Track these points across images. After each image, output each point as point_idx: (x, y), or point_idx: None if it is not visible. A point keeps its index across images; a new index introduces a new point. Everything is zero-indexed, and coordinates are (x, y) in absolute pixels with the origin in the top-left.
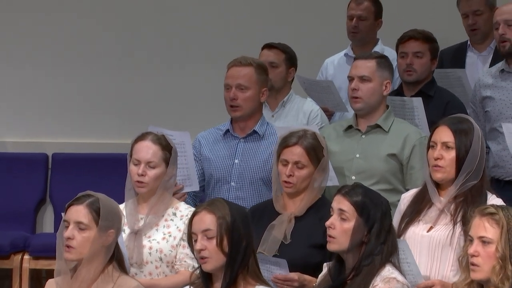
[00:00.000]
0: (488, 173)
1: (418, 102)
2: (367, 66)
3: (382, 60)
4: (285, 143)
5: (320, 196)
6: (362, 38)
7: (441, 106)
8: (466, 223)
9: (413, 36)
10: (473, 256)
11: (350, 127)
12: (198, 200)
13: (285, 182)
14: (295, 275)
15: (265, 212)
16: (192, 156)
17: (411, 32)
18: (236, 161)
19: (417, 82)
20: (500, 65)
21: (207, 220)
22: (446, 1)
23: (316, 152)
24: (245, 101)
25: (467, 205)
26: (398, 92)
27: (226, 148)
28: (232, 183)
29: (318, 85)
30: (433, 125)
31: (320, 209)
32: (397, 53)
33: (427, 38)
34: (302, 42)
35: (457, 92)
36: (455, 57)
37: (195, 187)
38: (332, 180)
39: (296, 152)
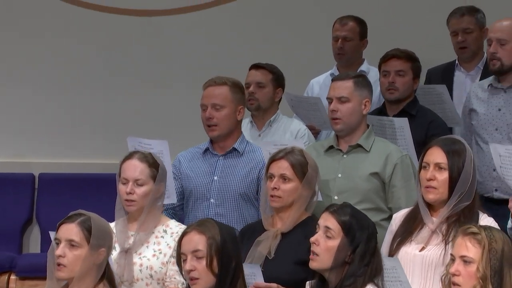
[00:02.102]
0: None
1: (404, 122)
2: (345, 87)
3: (360, 79)
4: (272, 158)
5: (310, 214)
6: (348, 59)
7: (424, 126)
8: None
9: (396, 55)
10: (454, 275)
11: (331, 147)
12: (177, 218)
13: (271, 196)
14: (274, 285)
15: (256, 231)
16: (170, 166)
17: (394, 51)
18: (216, 177)
19: (399, 101)
20: (490, 79)
21: (197, 240)
22: (432, 21)
23: (302, 167)
24: (221, 119)
25: (459, 225)
26: (381, 110)
27: (205, 165)
28: (212, 200)
29: (306, 102)
30: (424, 146)
31: (307, 226)
32: (379, 72)
33: (409, 57)
34: (288, 62)
35: (439, 108)
36: (443, 76)
37: (173, 199)
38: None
39: (281, 166)
